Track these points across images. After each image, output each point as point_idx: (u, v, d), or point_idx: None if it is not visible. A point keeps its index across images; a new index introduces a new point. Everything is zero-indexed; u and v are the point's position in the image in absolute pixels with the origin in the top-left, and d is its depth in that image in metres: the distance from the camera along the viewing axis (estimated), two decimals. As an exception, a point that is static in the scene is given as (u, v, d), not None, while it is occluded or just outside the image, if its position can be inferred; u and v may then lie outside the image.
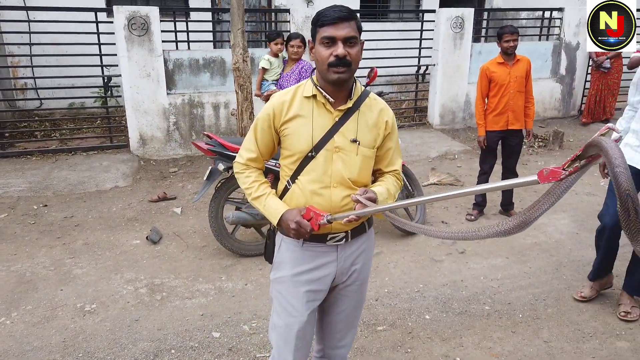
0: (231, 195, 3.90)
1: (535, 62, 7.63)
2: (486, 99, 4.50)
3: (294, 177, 1.77)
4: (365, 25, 7.68)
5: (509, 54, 4.34)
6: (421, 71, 7.69)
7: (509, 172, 4.62)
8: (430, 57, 7.50)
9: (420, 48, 7.60)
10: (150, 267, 3.73)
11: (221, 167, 3.72)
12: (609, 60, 7.62)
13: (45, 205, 4.82)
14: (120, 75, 6.02)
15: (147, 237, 4.14)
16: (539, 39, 8.35)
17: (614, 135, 1.03)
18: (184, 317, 3.10)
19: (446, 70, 7.34)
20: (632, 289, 3.07)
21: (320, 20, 1.64)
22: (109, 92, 6.66)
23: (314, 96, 1.72)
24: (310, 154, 1.72)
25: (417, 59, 7.61)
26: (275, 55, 4.98)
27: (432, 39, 7.39)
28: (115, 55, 5.98)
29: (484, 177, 4.67)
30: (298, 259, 1.80)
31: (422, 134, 7.41)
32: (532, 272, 3.67)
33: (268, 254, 1.97)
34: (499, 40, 4.37)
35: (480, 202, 4.71)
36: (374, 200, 1.65)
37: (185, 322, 3.04)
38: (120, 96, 6.48)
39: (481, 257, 3.91)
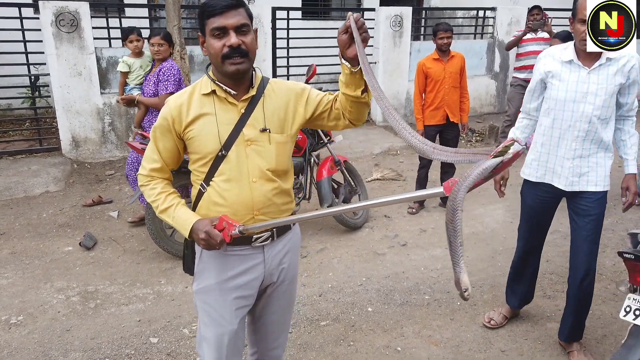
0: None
1: (471, 60, 7.94)
2: (423, 94, 4.61)
3: (207, 180, 1.66)
4: (306, 24, 7.72)
5: (443, 51, 4.46)
6: (363, 69, 7.77)
7: (447, 165, 4.75)
8: (372, 55, 7.60)
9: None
10: (84, 274, 3.55)
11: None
12: None
13: (-33, 214, 4.49)
14: (49, 74, 5.70)
15: (80, 243, 3.94)
16: (474, 38, 8.67)
17: (516, 146, 1.11)
18: (120, 324, 2.97)
19: (387, 68, 7.46)
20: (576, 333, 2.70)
21: (206, 11, 1.54)
22: (37, 92, 6.29)
23: (214, 92, 1.63)
24: (220, 153, 1.62)
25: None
26: (138, 55, 4.41)
27: (372, 37, 7.49)
28: (43, 53, 5.66)
29: (423, 170, 4.78)
30: (222, 265, 1.71)
31: (366, 131, 7.50)
32: (470, 261, 3.79)
33: (187, 265, 1.84)
34: (434, 37, 4.49)
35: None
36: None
37: (121, 329, 2.91)
38: (49, 96, 6.14)
39: (422, 249, 4.00)
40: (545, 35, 5.99)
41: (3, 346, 2.75)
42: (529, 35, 6.11)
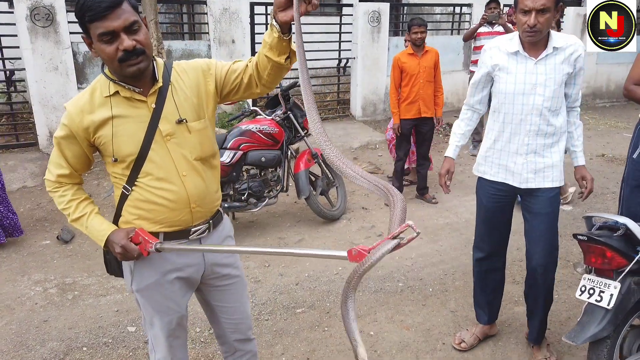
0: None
1: (448, 55, 8.07)
2: (399, 89, 4.70)
3: (131, 182, 1.57)
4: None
5: (417, 45, 4.56)
6: (342, 64, 7.86)
7: (422, 157, 4.86)
8: (350, 50, 7.68)
9: (340, 42, 7.76)
10: (62, 266, 3.56)
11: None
12: None
13: (-58, 209, 4.45)
14: (24, 69, 5.65)
15: (57, 237, 3.95)
16: (451, 34, 8.81)
17: (411, 233, 1.20)
18: (98, 314, 3.00)
19: (366, 64, 7.55)
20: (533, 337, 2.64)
21: (86, 15, 1.39)
22: (13, 87, 6.22)
23: (117, 92, 1.52)
24: (140, 153, 1.52)
25: (337, 52, 7.77)
26: None
27: (351, 32, 7.57)
28: (18, 47, 5.60)
29: (399, 163, 4.88)
30: (160, 261, 1.64)
31: (346, 126, 7.58)
32: (443, 249, 3.90)
33: (112, 268, 1.75)
34: (409, 32, 4.58)
35: (397, 188, 4.89)
36: None
37: (98, 319, 2.94)
38: (25, 91, 6.08)
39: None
40: (501, 29, 5.86)
41: (-20, 337, 2.77)
42: (485, 29, 6.01)
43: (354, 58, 7.56)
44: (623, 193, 2.92)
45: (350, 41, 7.64)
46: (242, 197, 4.00)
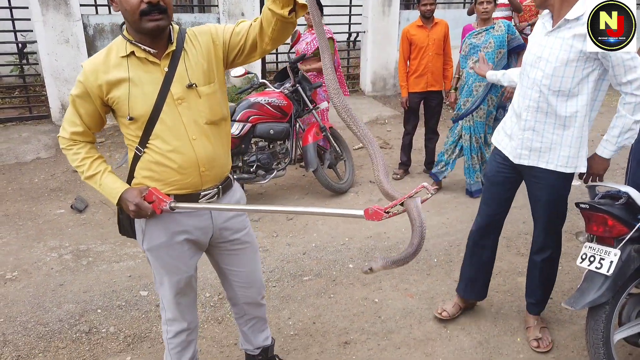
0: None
1: (459, 30, 7.95)
2: (408, 62, 4.68)
3: (143, 143, 1.61)
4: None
5: (427, 17, 4.51)
6: (352, 38, 7.79)
7: (431, 132, 4.86)
8: (361, 24, 7.61)
9: (350, 15, 7.68)
10: (76, 234, 3.67)
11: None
12: (529, 26, 8.03)
13: (-41, 179, 4.57)
14: (36, 42, 5.69)
15: (71, 206, 4.05)
16: (463, 7, 8.66)
17: (423, 194, 1.31)
18: (111, 279, 3.10)
19: (376, 38, 7.47)
20: (532, 307, 2.61)
21: None
22: (25, 59, 6.27)
23: (133, 53, 1.55)
24: (152, 115, 1.57)
25: (347, 25, 7.70)
26: None
27: (361, 5, 7.49)
28: (30, 20, 5.64)
29: (407, 137, 4.88)
30: (170, 223, 1.69)
31: (355, 101, 7.56)
32: (449, 222, 3.94)
33: (124, 228, 1.81)
34: (418, 4, 4.53)
35: (405, 162, 4.93)
36: None
37: (112, 284, 3.05)
38: (37, 64, 6.13)
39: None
40: (505, 0, 5.57)
41: (-1, 299, 2.89)
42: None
43: (364, 32, 7.49)
44: (630, 166, 2.92)
45: (361, 14, 7.56)
46: (251, 169, 4.06)
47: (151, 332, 2.62)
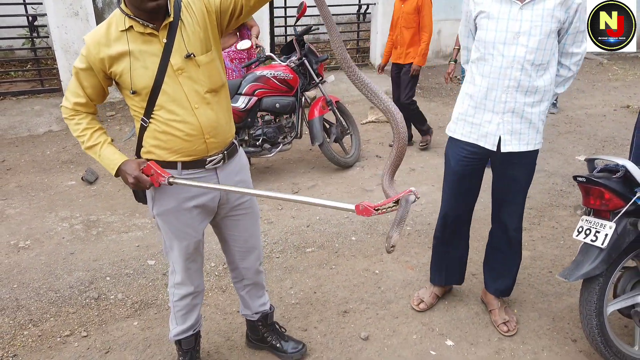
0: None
1: (451, 2, 7.69)
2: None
3: (147, 114, 1.67)
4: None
5: None
6: (362, 10, 7.68)
7: (400, 106, 4.76)
8: (371, -4, 7.49)
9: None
10: (86, 205, 3.76)
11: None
12: None
13: (-26, 151, 4.69)
14: (46, 15, 5.72)
15: (82, 178, 4.14)
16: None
17: (412, 197, 1.37)
18: (120, 248, 3.20)
19: (387, 10, 7.34)
20: (497, 290, 2.55)
21: None
22: (36, 32, 6.31)
23: (131, 27, 1.59)
24: (154, 87, 1.62)
25: (358, -2, 7.59)
26: None
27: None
28: (39, -8, 5.67)
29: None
30: (179, 189, 1.76)
31: (365, 75, 7.50)
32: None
33: (139, 195, 1.87)
34: None
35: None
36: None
37: (120, 253, 3.14)
38: (48, 37, 6.17)
39: (409, 186, 4.14)
40: None
41: (13, 266, 3.00)
42: None
43: (375, 4, 7.37)
44: (635, 140, 2.90)
45: (372, -14, 7.43)
46: (257, 143, 4.09)
47: (157, 300, 2.71)
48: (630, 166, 1.99)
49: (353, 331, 2.48)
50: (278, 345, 2.27)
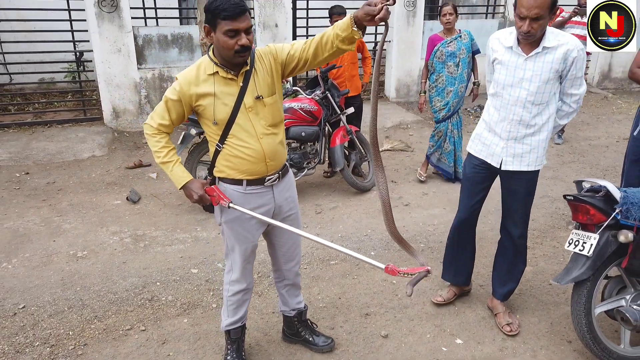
0: (203, 158, 4.38)
1: (482, 39, 8.25)
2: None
3: (222, 140, 2.08)
4: (319, 4, 8.11)
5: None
6: (377, 47, 8.21)
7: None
8: (386, 34, 8.02)
9: (376, 25, 8.10)
10: (132, 222, 4.20)
11: (193, 131, 4.20)
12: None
13: (27, 173, 5.18)
14: (91, 51, 6.31)
15: (127, 198, 4.59)
16: (486, 17, 8.99)
17: (425, 274, 1.78)
18: (166, 259, 3.61)
19: (400, 47, 7.89)
20: (502, 294, 2.93)
21: (222, 14, 1.87)
22: (82, 67, 6.92)
23: (217, 72, 2.01)
24: (230, 120, 2.03)
25: (373, 35, 8.13)
26: None
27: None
28: (87, 31, 6.27)
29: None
30: (243, 202, 2.15)
31: (380, 107, 7.97)
32: (463, 218, 4.32)
33: (208, 207, 2.25)
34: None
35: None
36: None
37: (167, 263, 3.55)
38: (91, 71, 6.76)
39: (422, 209, 4.54)
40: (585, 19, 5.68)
41: (74, 272, 3.42)
42: (576, 18, 6.01)
43: (389, 41, 7.91)
44: (624, 167, 3.28)
45: (386, 25, 7.97)
46: (285, 167, 4.52)
47: (202, 302, 3.10)
48: (610, 187, 2.37)
49: (374, 330, 2.84)
50: (310, 339, 2.65)
